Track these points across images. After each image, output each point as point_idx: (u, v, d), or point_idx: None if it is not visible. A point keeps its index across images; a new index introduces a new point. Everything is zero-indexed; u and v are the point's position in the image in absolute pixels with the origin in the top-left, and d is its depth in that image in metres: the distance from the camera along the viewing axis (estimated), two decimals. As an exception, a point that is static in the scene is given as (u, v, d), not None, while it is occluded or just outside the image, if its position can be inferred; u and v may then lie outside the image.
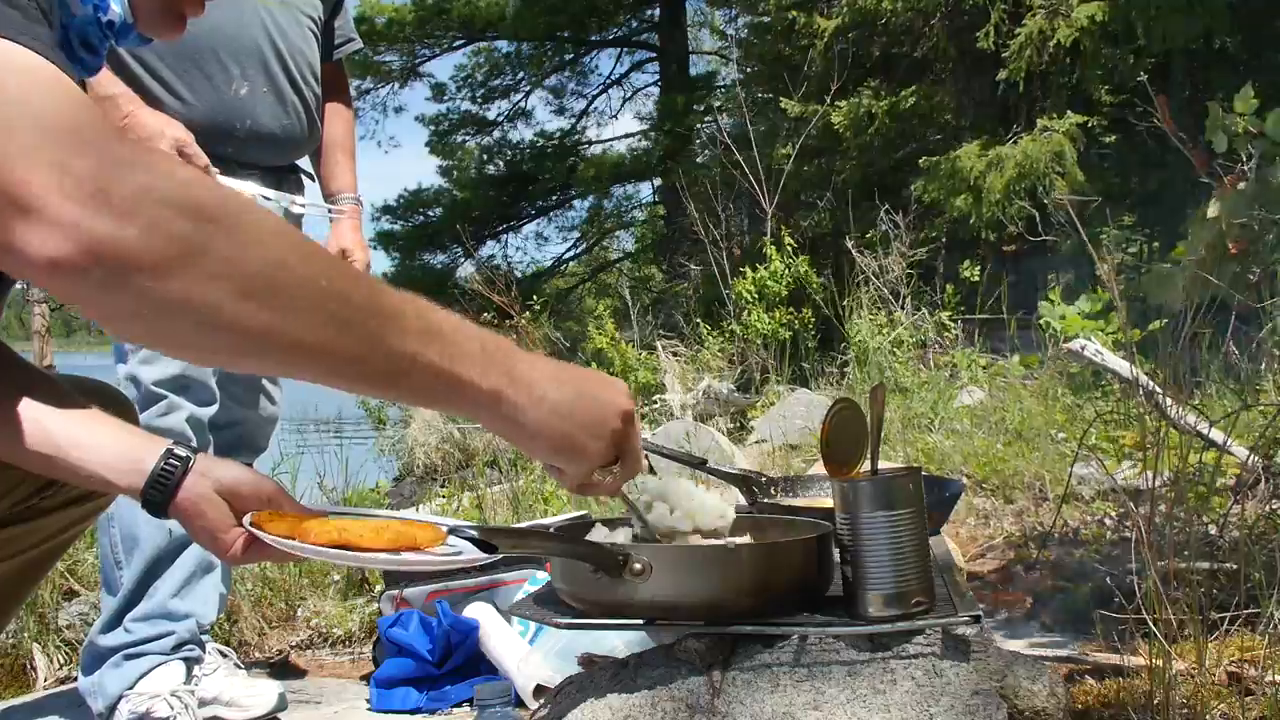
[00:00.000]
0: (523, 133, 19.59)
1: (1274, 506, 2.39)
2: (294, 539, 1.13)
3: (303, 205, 2.30)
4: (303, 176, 2.37)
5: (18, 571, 1.32)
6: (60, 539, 1.36)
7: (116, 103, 2.00)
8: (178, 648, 2.00)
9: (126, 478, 1.16)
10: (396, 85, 19.26)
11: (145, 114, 2.01)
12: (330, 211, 2.41)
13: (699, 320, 7.27)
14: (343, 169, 2.44)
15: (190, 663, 2.03)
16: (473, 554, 1.19)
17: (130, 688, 1.95)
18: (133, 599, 1.98)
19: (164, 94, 2.06)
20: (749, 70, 13.94)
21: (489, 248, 19.24)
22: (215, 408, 2.07)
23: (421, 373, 0.87)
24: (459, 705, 2.21)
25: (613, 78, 19.51)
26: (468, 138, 19.57)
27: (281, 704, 2.16)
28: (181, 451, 1.15)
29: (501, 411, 0.94)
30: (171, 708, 1.93)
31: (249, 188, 2.17)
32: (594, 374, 1.05)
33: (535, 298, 8.95)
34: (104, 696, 1.96)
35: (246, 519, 1.16)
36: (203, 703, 2.07)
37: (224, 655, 2.25)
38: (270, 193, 2.21)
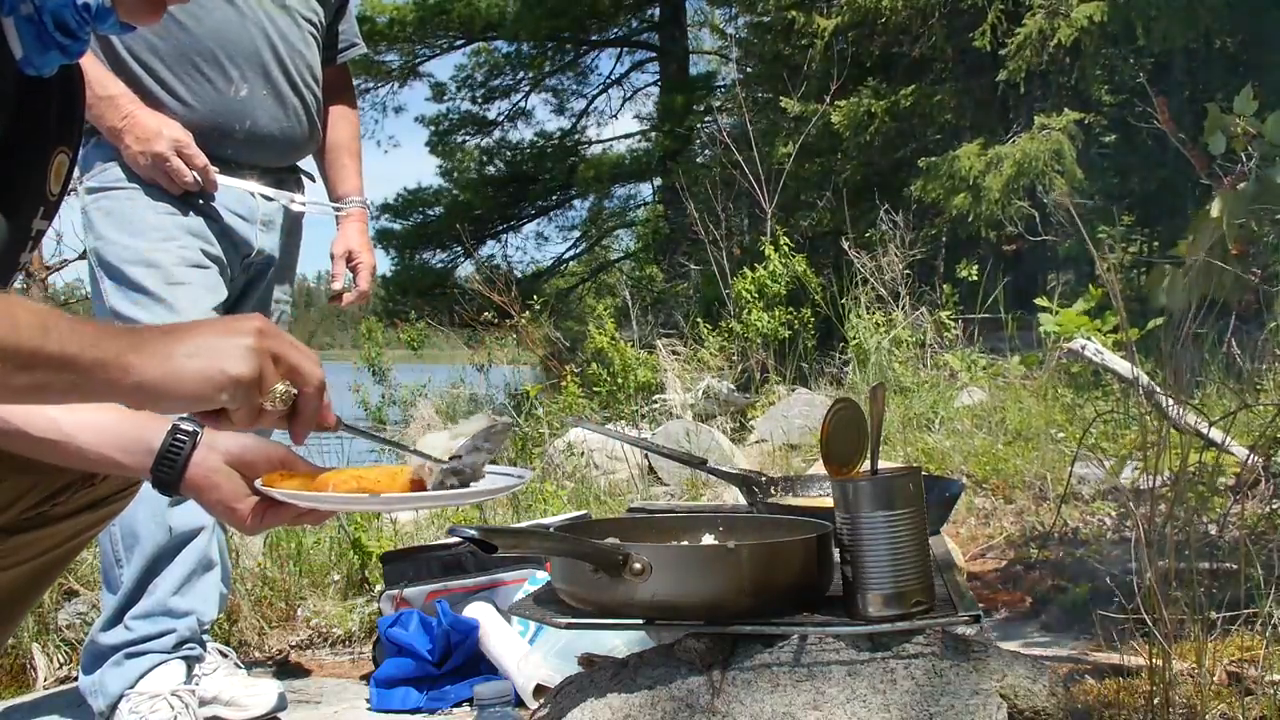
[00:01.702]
0: (523, 133, 19.58)
1: (1274, 506, 2.39)
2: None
3: (303, 204, 2.31)
4: (303, 177, 2.38)
5: (27, 578, 1.32)
6: (69, 546, 1.36)
7: (116, 103, 2.01)
8: (178, 646, 2.00)
9: (135, 458, 1.16)
10: (396, 85, 19.25)
11: (144, 115, 2.02)
12: (335, 210, 2.43)
13: (699, 320, 7.27)
14: (349, 172, 2.45)
15: (191, 661, 2.03)
16: (503, 482, 1.19)
17: (131, 687, 1.95)
18: (133, 597, 1.98)
19: (164, 95, 2.07)
20: (749, 70, 13.94)
21: (489, 247, 19.23)
22: None
23: (43, 365, 0.88)
24: (459, 705, 2.21)
25: (613, 78, 19.49)
26: (468, 138, 19.56)
27: (281, 704, 2.16)
28: (188, 426, 1.15)
29: (131, 382, 0.93)
30: (173, 708, 1.93)
31: (249, 186, 2.18)
32: (214, 319, 1.01)
33: (535, 298, 8.95)
34: (105, 695, 1.95)
35: (257, 482, 1.15)
36: (202, 702, 2.07)
37: (224, 655, 2.24)
38: (270, 191, 2.21)
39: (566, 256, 20.31)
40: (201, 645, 2.08)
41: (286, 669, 2.62)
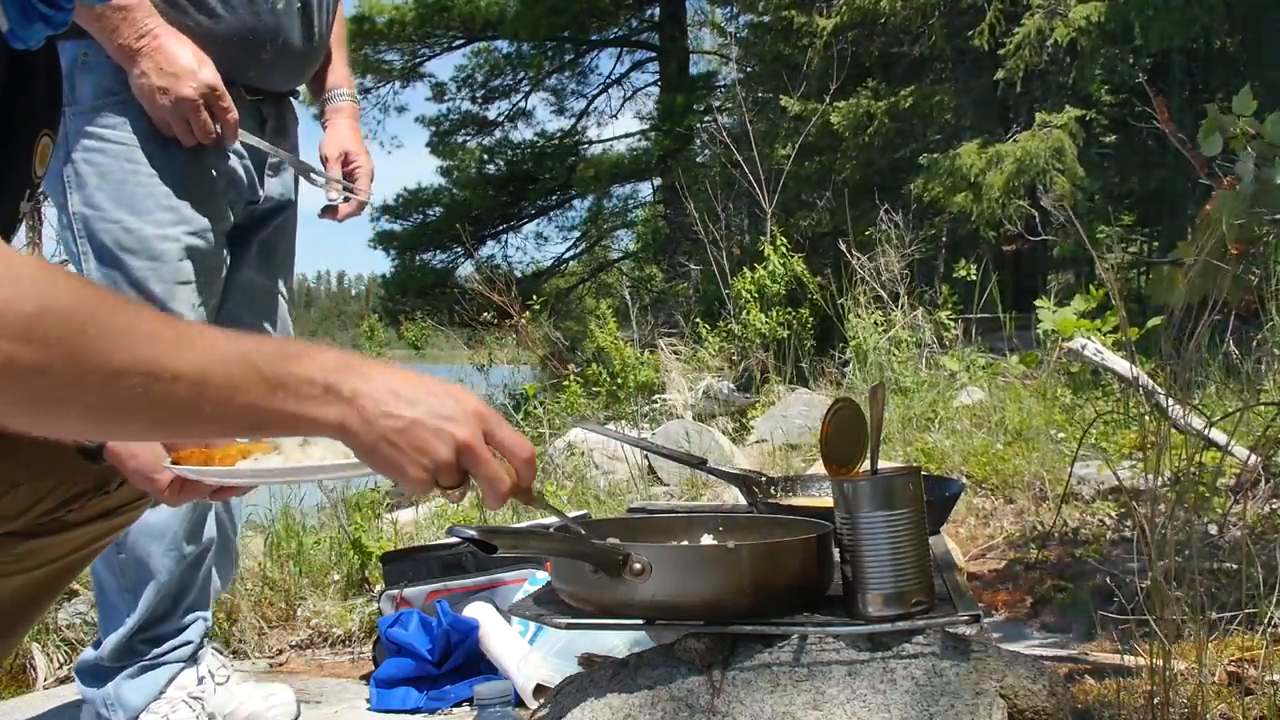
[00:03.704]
0: (523, 133, 19.59)
1: (1274, 506, 2.39)
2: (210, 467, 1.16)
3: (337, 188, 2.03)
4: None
5: (39, 583, 1.32)
6: (82, 553, 1.35)
7: (132, 17, 1.66)
8: (194, 654, 1.98)
9: None
10: (398, 84, 19.26)
11: (172, 42, 1.69)
12: (343, 190, 2.07)
13: (699, 320, 7.27)
14: (336, 63, 2.14)
15: (199, 659, 2.01)
16: None
17: (157, 697, 1.91)
18: (145, 625, 1.91)
19: (190, 6, 1.76)
20: (749, 70, 13.96)
21: (489, 247, 19.24)
22: None
23: (236, 413, 0.88)
24: (459, 705, 2.21)
25: (613, 78, 19.49)
26: (468, 138, 19.56)
27: (298, 710, 2.11)
28: None
29: (343, 431, 0.94)
30: (191, 709, 1.92)
31: (259, 143, 1.91)
32: (437, 390, 1.00)
33: (535, 297, 8.95)
34: (125, 708, 1.90)
35: (165, 461, 1.18)
36: (221, 715, 2.03)
37: (230, 658, 2.21)
38: (320, 174, 1.99)
39: (566, 256, 20.33)
40: (207, 638, 2.05)
41: (286, 669, 2.62)
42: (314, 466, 1.16)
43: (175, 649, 1.94)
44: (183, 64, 1.68)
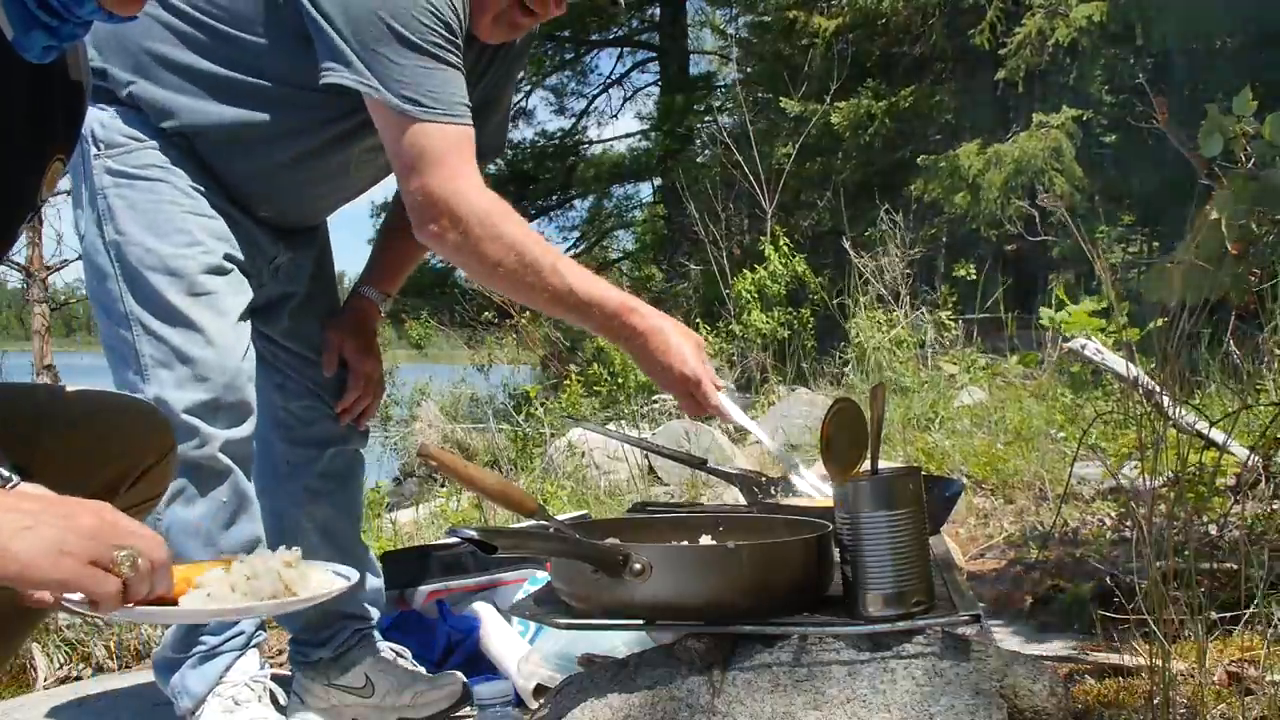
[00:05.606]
0: (523, 132, 19.59)
1: (1274, 506, 2.39)
2: None
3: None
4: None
5: None
6: None
7: (641, 311, 1.85)
8: (249, 642, 2.02)
9: None
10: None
11: (668, 324, 1.86)
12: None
13: (699, 320, 7.27)
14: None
15: (260, 648, 2.05)
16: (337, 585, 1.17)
17: (217, 683, 1.98)
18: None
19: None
20: (749, 70, 13.98)
21: (489, 247, 19.22)
22: (249, 425, 2.01)
23: None
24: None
25: (613, 78, 19.51)
26: (468, 138, 19.55)
27: (467, 693, 2.12)
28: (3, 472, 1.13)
29: None
30: (253, 690, 1.97)
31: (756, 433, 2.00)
32: (44, 535, 0.94)
33: (535, 297, 8.94)
34: (190, 696, 1.98)
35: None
36: (388, 707, 2.11)
37: (401, 656, 2.23)
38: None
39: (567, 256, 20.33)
40: (264, 628, 2.09)
41: (286, 669, 2.62)
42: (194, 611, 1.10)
43: (230, 639, 1.99)
44: (685, 351, 1.83)
